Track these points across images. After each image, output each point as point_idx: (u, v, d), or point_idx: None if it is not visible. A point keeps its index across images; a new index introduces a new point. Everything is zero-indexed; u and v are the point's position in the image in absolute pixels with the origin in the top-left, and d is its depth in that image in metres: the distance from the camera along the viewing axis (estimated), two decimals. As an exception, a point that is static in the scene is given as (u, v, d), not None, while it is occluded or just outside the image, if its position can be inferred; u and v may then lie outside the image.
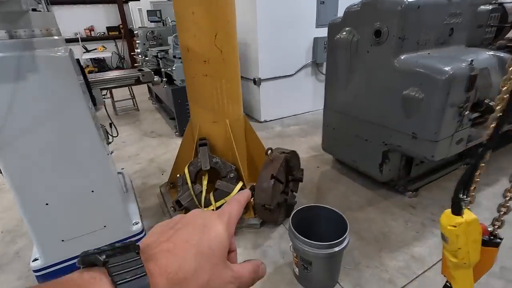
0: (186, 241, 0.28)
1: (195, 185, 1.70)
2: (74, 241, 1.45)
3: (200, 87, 1.67)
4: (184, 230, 0.30)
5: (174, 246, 0.28)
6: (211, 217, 0.32)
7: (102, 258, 0.24)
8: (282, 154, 1.62)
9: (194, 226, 0.30)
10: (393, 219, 1.77)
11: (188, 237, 0.29)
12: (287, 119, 3.63)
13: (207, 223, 0.31)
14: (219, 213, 0.33)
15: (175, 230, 0.30)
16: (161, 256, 0.26)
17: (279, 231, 1.72)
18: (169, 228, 0.30)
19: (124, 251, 0.25)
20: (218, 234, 0.30)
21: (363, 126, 1.87)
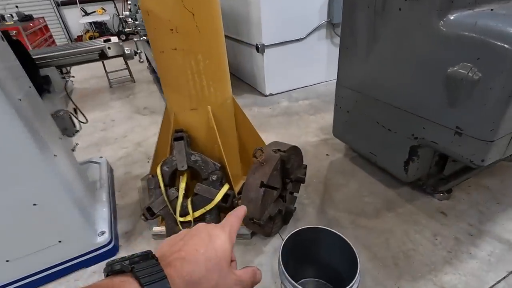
0: (196, 249, 0.34)
1: (170, 188, 1.38)
2: (23, 260, 1.20)
3: (170, 66, 1.27)
4: (192, 241, 0.35)
5: (186, 254, 0.33)
6: (215, 229, 0.38)
7: (128, 265, 0.29)
8: (277, 153, 1.26)
9: (201, 237, 0.36)
10: (418, 231, 1.41)
11: (197, 247, 0.34)
12: (296, 92, 3.17)
13: (212, 234, 0.37)
14: (221, 226, 0.40)
15: (184, 241, 0.35)
16: (176, 262, 0.32)
17: (273, 244, 1.42)
18: (178, 240, 0.36)
19: (145, 259, 0.30)
20: (222, 243, 0.36)
21: (387, 112, 1.44)
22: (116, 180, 2.00)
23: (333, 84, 3.35)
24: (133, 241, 1.51)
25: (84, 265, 1.36)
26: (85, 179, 1.58)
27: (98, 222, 1.44)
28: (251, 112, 2.79)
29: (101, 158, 2.01)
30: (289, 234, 1.06)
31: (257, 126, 2.60)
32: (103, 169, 1.90)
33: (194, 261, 0.33)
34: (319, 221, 1.52)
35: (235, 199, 1.36)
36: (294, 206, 1.39)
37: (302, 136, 2.32)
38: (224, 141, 1.50)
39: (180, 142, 1.38)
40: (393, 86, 1.37)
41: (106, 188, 1.74)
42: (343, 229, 1.45)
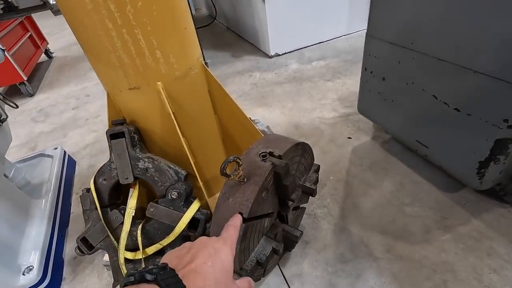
0: (204, 263, 0.36)
1: (112, 210, 0.92)
2: None
3: (78, 15, 0.73)
4: (200, 255, 0.37)
5: (196, 266, 0.35)
6: (217, 243, 0.41)
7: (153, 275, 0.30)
8: (267, 161, 0.74)
9: (207, 251, 0.38)
10: (495, 268, 0.90)
11: (205, 260, 0.36)
12: (308, 50, 2.52)
13: (217, 248, 0.39)
14: (223, 239, 0.43)
15: (192, 254, 0.38)
16: (190, 275, 0.34)
17: (269, 283, 0.97)
18: (184, 253, 0.38)
19: (164, 270, 0.32)
20: (227, 256, 0.39)
21: (456, 80, 0.86)
22: (77, 178, 1.59)
23: (357, 37, 2.65)
24: (80, 271, 1.11)
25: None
26: (12, 190, 1.15)
27: (25, 253, 1.03)
28: (251, 80, 2.22)
29: (56, 149, 1.57)
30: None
31: (258, 98, 2.05)
32: (55, 165, 1.46)
33: (205, 274, 0.35)
34: (338, 245, 1.04)
35: (209, 224, 0.90)
36: (300, 231, 0.92)
37: (315, 110, 1.76)
38: (193, 133, 1.00)
39: (119, 140, 0.89)
40: (472, 34, 0.77)
41: (54, 193, 1.32)
42: (375, 261, 0.97)
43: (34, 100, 2.59)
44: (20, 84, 2.53)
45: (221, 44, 2.95)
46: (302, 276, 0.97)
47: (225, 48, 2.82)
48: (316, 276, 0.97)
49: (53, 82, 2.89)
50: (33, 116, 2.32)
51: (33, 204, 1.21)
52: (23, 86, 2.55)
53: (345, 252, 1.02)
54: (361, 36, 2.57)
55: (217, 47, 2.90)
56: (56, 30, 4.57)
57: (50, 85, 2.82)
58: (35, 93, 2.69)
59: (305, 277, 0.97)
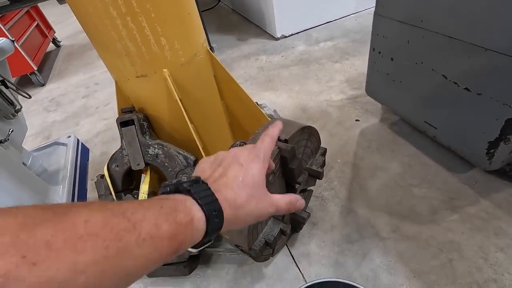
0: (235, 177, 0.36)
1: (126, 195, 0.96)
2: None
3: (89, 9, 0.74)
4: (231, 169, 0.38)
5: (227, 180, 0.36)
6: (250, 157, 0.40)
7: (187, 187, 0.32)
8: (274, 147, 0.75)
9: (239, 166, 0.38)
10: (502, 247, 0.91)
11: (237, 174, 0.37)
12: (316, 31, 2.45)
13: (248, 162, 0.39)
14: (256, 152, 0.41)
15: (223, 168, 0.38)
16: (221, 188, 0.35)
17: (277, 263, 1.01)
18: (216, 165, 0.39)
19: (197, 183, 0.34)
20: (258, 170, 0.39)
21: (467, 59, 0.84)
22: (91, 164, 1.64)
23: (366, 15, 2.56)
24: (99, 252, 1.17)
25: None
26: (31, 177, 1.20)
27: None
28: (258, 63, 2.19)
29: (69, 137, 1.62)
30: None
31: (264, 82, 2.03)
32: (70, 153, 1.51)
33: (236, 188, 0.36)
34: (345, 226, 1.06)
35: (219, 206, 0.93)
36: (307, 213, 0.94)
37: (322, 93, 1.74)
38: (201, 119, 1.01)
39: (129, 128, 0.91)
40: (485, 11, 0.74)
41: (70, 180, 1.37)
42: (381, 241, 0.99)
43: (45, 89, 2.65)
44: (31, 74, 2.58)
45: (227, 27, 2.91)
46: (309, 255, 1.00)
47: (231, 31, 2.78)
48: (323, 255, 1.00)
49: (62, 71, 2.93)
50: (45, 105, 2.38)
51: (51, 190, 1.27)
52: (34, 76, 2.60)
53: (351, 232, 1.04)
54: (370, 14, 2.47)
55: (222, 30, 2.85)
56: (62, 19, 4.57)
57: (59, 74, 2.86)
58: (45, 83, 2.74)
59: (313, 256, 1.00)
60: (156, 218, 0.27)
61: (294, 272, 0.97)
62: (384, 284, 0.89)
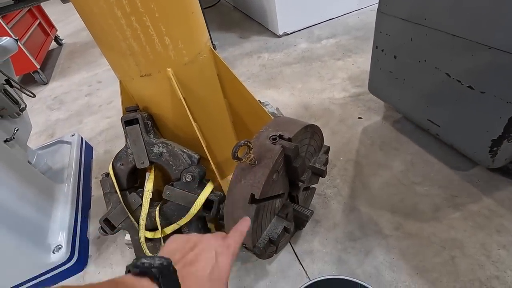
0: (203, 268, 0.37)
1: (131, 193, 0.98)
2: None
3: (94, 9, 0.74)
4: (202, 257, 0.38)
5: (196, 271, 0.36)
6: (222, 249, 0.41)
7: (157, 274, 0.31)
8: (277, 144, 0.76)
9: (210, 255, 0.39)
10: (504, 245, 0.92)
11: (206, 265, 0.37)
12: (318, 28, 2.45)
13: (219, 254, 0.40)
14: (227, 244, 0.42)
15: (195, 254, 0.38)
16: (188, 279, 0.35)
17: (281, 260, 1.02)
18: (189, 249, 0.39)
19: (168, 269, 0.33)
20: (226, 266, 0.40)
21: (471, 57, 0.84)
22: (95, 162, 1.65)
23: (369, 12, 2.55)
24: (104, 250, 1.19)
25: (42, 286, 1.08)
26: (37, 175, 1.22)
27: (54, 233, 1.11)
28: (260, 61, 2.19)
29: (73, 136, 1.63)
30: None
31: (267, 80, 2.03)
32: (74, 151, 1.53)
33: (201, 280, 0.36)
34: (347, 223, 1.07)
35: (223, 204, 0.94)
36: (310, 211, 0.95)
37: (325, 91, 1.74)
38: (204, 118, 1.02)
39: (134, 127, 0.92)
40: (488, 9, 0.74)
41: (75, 178, 1.39)
42: (384, 238, 1.00)
43: (48, 88, 2.66)
44: (34, 73, 2.59)
45: (229, 24, 2.90)
46: (312, 253, 1.01)
47: (233, 29, 2.77)
48: (326, 253, 1.01)
49: (65, 69, 2.93)
50: (49, 104, 2.39)
51: (57, 188, 1.28)
52: (37, 75, 2.61)
53: (354, 230, 1.05)
54: (373, 11, 2.46)
55: (224, 28, 2.85)
56: (63, 17, 4.57)
57: (62, 73, 2.87)
58: (48, 81, 2.75)
59: (316, 254, 1.01)
60: None
61: (298, 269, 0.98)
62: (387, 281, 0.90)
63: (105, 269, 1.13)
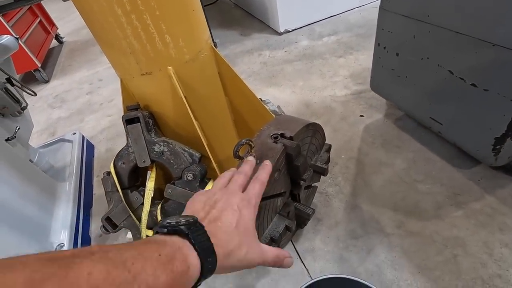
0: (230, 222, 0.38)
1: (133, 192, 0.98)
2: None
3: (94, 7, 0.74)
4: (226, 213, 0.39)
5: (222, 225, 0.37)
6: (243, 203, 0.42)
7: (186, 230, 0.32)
8: (278, 143, 0.76)
9: (232, 211, 0.40)
10: (507, 243, 0.91)
11: (231, 219, 0.38)
12: (319, 25, 2.43)
13: (241, 208, 0.41)
14: (248, 198, 0.43)
15: (217, 211, 0.39)
16: (217, 232, 0.36)
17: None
18: (210, 207, 0.40)
19: (194, 225, 0.34)
20: (250, 217, 0.41)
21: (474, 55, 0.83)
22: (96, 161, 1.65)
23: (370, 9, 2.54)
24: (106, 248, 1.19)
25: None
26: (39, 174, 1.22)
27: (56, 232, 1.11)
28: (261, 59, 2.18)
29: (74, 134, 1.63)
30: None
31: (268, 77, 2.02)
32: (75, 150, 1.53)
33: (229, 233, 0.37)
34: (349, 222, 1.07)
35: (224, 203, 0.93)
36: (312, 209, 0.95)
37: (326, 88, 1.73)
38: (205, 116, 1.02)
39: (135, 126, 0.92)
40: (492, 5, 0.73)
41: (77, 176, 1.39)
42: (386, 236, 1.00)
43: (49, 86, 2.66)
44: (35, 71, 2.59)
45: (229, 22, 2.89)
46: (314, 251, 1.01)
47: (233, 26, 2.76)
48: (328, 251, 1.01)
49: (66, 67, 2.93)
50: (50, 102, 2.39)
51: (59, 186, 1.28)
52: (38, 73, 2.61)
53: (356, 228, 1.05)
54: (374, 7, 2.45)
55: (225, 25, 2.84)
56: (64, 14, 4.57)
57: (63, 71, 2.87)
58: (49, 79, 2.75)
59: (317, 252, 1.01)
60: (155, 269, 0.28)
61: (299, 268, 0.98)
62: (389, 279, 0.90)
63: (107, 267, 1.13)
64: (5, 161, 1.03)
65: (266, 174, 0.50)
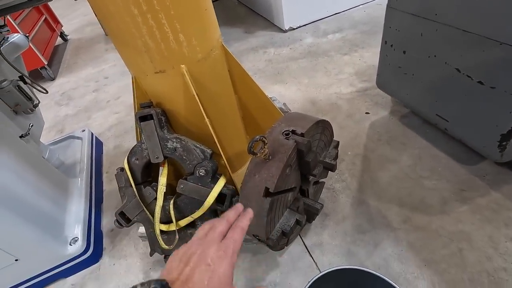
0: (201, 281, 0.37)
1: (146, 187, 1.00)
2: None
3: (111, 7, 0.76)
4: (198, 270, 0.39)
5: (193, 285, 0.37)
6: (217, 254, 0.41)
7: None
8: (290, 139, 0.78)
9: (206, 266, 0.39)
10: (511, 238, 0.94)
11: (203, 277, 0.38)
12: (324, 23, 2.44)
13: (215, 260, 0.40)
14: (224, 249, 0.42)
15: (191, 269, 0.39)
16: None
17: (291, 252, 1.04)
18: (184, 264, 0.40)
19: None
20: (225, 271, 0.39)
21: (481, 53, 0.84)
22: (105, 157, 1.68)
23: (375, 6, 2.54)
24: (118, 242, 1.22)
25: (59, 277, 1.12)
26: (52, 170, 1.24)
27: (70, 226, 1.14)
28: (266, 56, 2.20)
29: (84, 131, 1.66)
30: (307, 284, 0.66)
31: (273, 75, 2.04)
32: (85, 146, 1.56)
33: None
34: (356, 217, 1.09)
35: (235, 198, 0.96)
36: (320, 204, 0.97)
37: (332, 86, 1.75)
38: (216, 113, 1.04)
39: (148, 122, 0.94)
40: (499, 4, 0.75)
41: (87, 172, 1.41)
42: (392, 231, 1.02)
43: (56, 83, 2.68)
44: (41, 69, 2.61)
45: (233, 19, 2.90)
46: (322, 245, 1.04)
47: (238, 24, 2.77)
48: (335, 245, 1.03)
49: (71, 65, 2.95)
50: (57, 99, 2.42)
51: (70, 182, 1.31)
52: (44, 71, 2.63)
53: (363, 223, 1.07)
54: (379, 4, 2.46)
55: (229, 23, 2.85)
56: (67, 12, 4.58)
57: (69, 69, 2.89)
58: (55, 77, 2.78)
59: (325, 246, 1.03)
60: None
61: (308, 261, 1.01)
62: (396, 273, 0.92)
63: (119, 260, 1.16)
64: (20, 157, 1.05)
65: (247, 221, 0.49)
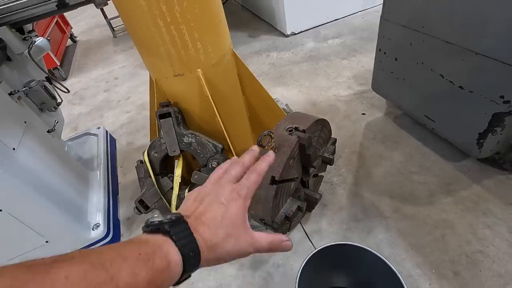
0: (214, 217, 0.38)
1: (163, 177, 1.12)
2: (9, 264, 1.07)
3: (134, 14, 0.88)
4: (211, 208, 0.39)
5: (206, 220, 0.37)
6: (231, 195, 0.40)
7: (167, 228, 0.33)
8: (293, 135, 0.90)
9: (219, 204, 0.39)
10: (488, 225, 1.05)
11: (216, 213, 0.38)
12: (324, 28, 2.57)
13: (229, 200, 0.40)
14: (238, 190, 0.41)
15: (204, 206, 0.39)
16: (200, 228, 0.36)
17: (293, 238, 1.16)
18: (198, 202, 0.40)
19: (177, 223, 0.35)
20: (237, 209, 0.39)
21: (463, 61, 0.96)
22: (119, 153, 1.80)
23: (372, 13, 2.67)
24: (135, 229, 1.34)
25: (82, 260, 1.23)
26: (74, 163, 1.36)
27: (92, 213, 1.26)
28: (269, 60, 2.32)
29: (99, 128, 1.78)
30: (307, 257, 0.77)
31: (276, 78, 2.17)
32: (101, 142, 1.67)
33: (214, 228, 0.37)
34: (352, 207, 1.21)
35: (243, 188, 1.08)
36: (319, 194, 1.08)
37: (331, 88, 1.87)
38: (226, 112, 1.15)
39: (167, 120, 1.06)
40: (480, 19, 0.87)
41: (104, 166, 1.53)
42: (384, 219, 1.14)
43: (68, 83, 2.80)
44: (54, 69, 2.73)
45: (237, 24, 3.02)
46: (321, 232, 1.15)
47: (242, 28, 2.89)
48: (332, 232, 1.15)
49: (82, 66, 3.07)
50: (70, 99, 2.53)
51: (90, 175, 1.43)
52: (57, 71, 2.75)
53: (357, 213, 1.19)
54: (377, 11, 2.58)
55: (233, 27, 2.97)
56: (74, 13, 4.69)
57: (79, 69, 3.01)
58: (67, 77, 2.90)
59: (323, 232, 1.15)
60: (134, 267, 0.29)
61: (307, 245, 1.12)
62: (386, 255, 1.02)
63: (136, 245, 1.28)
64: (49, 150, 1.17)
65: (265, 165, 0.46)
